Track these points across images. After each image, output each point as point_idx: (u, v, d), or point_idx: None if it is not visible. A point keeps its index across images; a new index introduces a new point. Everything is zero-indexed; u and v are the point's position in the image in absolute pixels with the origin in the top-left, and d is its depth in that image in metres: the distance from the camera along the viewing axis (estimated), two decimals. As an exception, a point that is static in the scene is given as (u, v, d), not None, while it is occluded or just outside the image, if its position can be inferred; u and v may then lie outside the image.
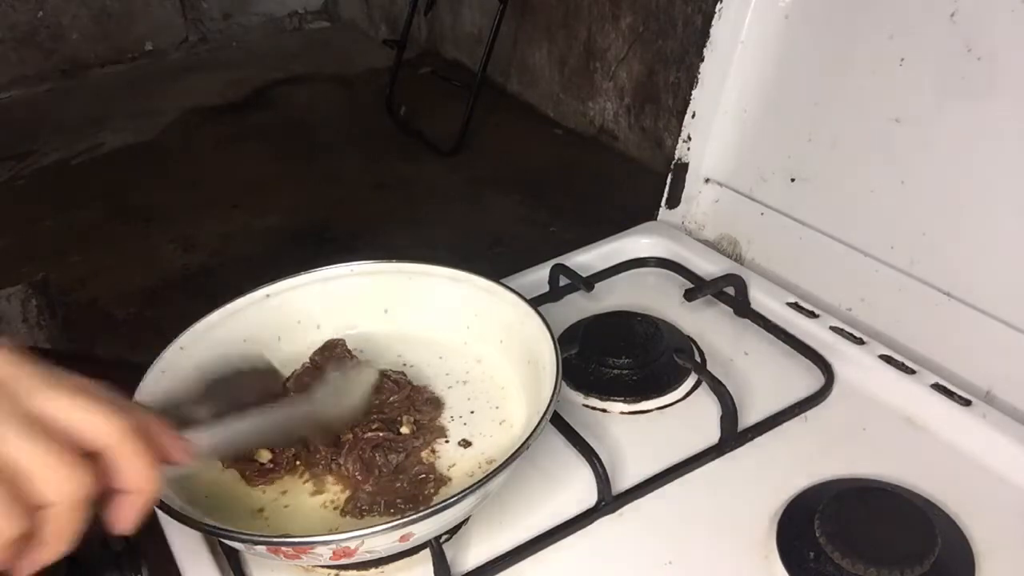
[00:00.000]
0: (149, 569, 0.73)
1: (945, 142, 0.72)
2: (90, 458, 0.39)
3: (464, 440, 0.64)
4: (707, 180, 0.94)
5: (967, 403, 0.68)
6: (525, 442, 0.54)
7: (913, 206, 0.75)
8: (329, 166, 2.03)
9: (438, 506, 0.51)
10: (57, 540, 0.38)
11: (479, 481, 0.52)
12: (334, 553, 0.52)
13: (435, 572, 0.55)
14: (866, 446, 0.67)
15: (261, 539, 0.53)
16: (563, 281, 0.85)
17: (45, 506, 0.37)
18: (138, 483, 0.40)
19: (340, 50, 2.74)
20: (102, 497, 0.40)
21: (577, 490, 0.63)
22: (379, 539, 0.51)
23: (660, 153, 1.75)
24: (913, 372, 0.71)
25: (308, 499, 0.60)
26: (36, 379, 0.38)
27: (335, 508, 0.59)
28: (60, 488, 0.37)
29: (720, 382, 0.68)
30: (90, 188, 2.02)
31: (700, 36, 1.19)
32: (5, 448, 0.36)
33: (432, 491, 0.60)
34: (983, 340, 0.70)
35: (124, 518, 0.41)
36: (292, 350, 0.72)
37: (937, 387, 0.69)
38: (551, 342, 0.63)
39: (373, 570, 0.58)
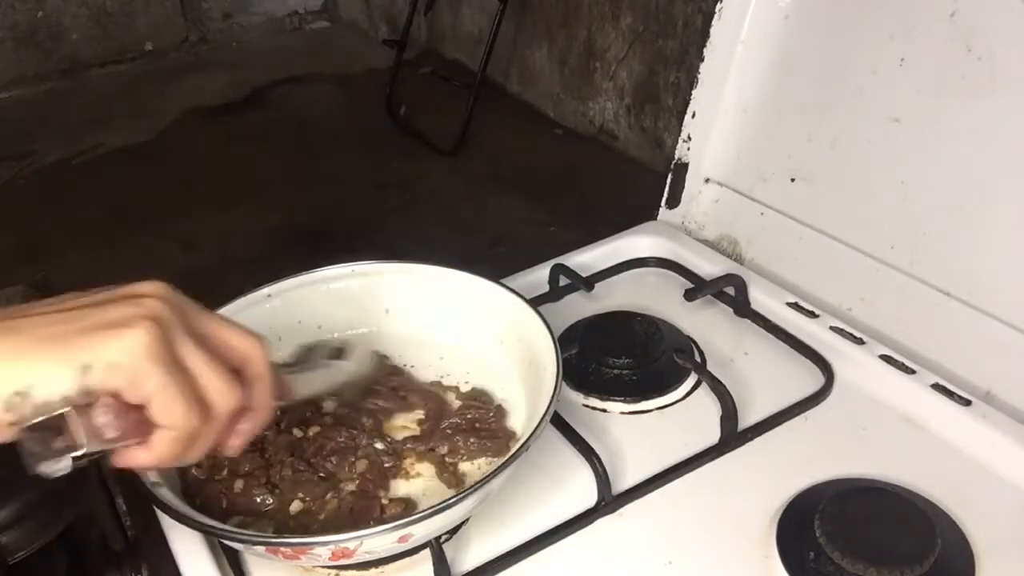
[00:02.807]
0: (149, 569, 0.73)
1: (945, 142, 0.72)
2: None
3: (464, 440, 0.64)
4: (707, 180, 0.94)
5: (967, 403, 0.68)
6: (525, 442, 0.54)
7: (913, 206, 0.75)
8: (329, 166, 2.02)
9: (438, 506, 0.51)
10: (206, 444, 0.45)
11: (479, 481, 0.52)
12: (333, 554, 0.52)
13: (435, 572, 0.55)
14: (866, 446, 0.67)
15: (260, 539, 0.53)
16: (563, 281, 0.85)
17: (211, 410, 0.44)
18: (264, 402, 0.48)
19: (340, 50, 2.74)
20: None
21: (577, 490, 0.63)
22: (378, 540, 0.51)
23: (660, 153, 1.74)
24: (913, 372, 0.71)
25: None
26: (194, 305, 0.46)
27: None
28: (225, 398, 0.45)
29: (720, 382, 0.68)
30: (90, 188, 2.02)
31: (700, 36, 1.18)
32: (189, 359, 0.43)
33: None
34: (983, 340, 0.70)
35: (239, 439, 0.48)
36: (293, 350, 0.72)
37: (937, 387, 0.69)
38: (551, 342, 0.63)
39: (373, 570, 0.58)
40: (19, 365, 0.40)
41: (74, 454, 0.40)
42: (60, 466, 0.40)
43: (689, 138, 0.91)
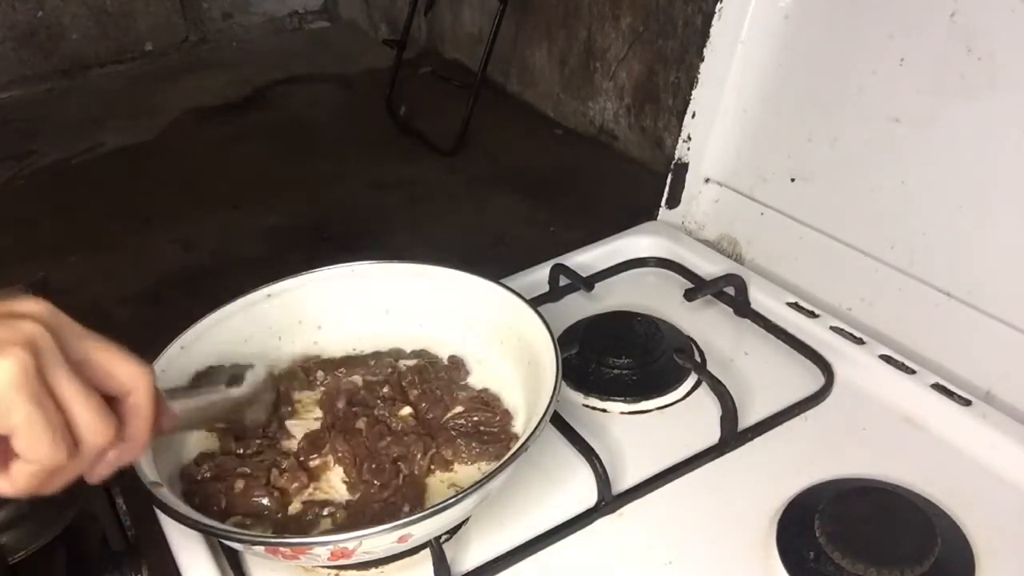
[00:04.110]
0: (149, 569, 0.73)
1: (945, 142, 0.72)
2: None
3: (464, 440, 0.64)
4: (707, 180, 0.94)
5: (967, 403, 0.68)
6: (525, 442, 0.54)
7: (913, 206, 0.75)
8: (329, 166, 2.03)
9: (438, 506, 0.51)
10: (69, 477, 0.42)
11: (479, 481, 0.52)
12: (332, 554, 0.52)
13: (435, 572, 0.55)
14: (866, 446, 0.67)
15: (260, 539, 0.53)
16: (563, 281, 0.85)
17: (80, 445, 0.41)
18: (140, 436, 0.45)
19: (340, 50, 2.74)
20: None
21: (577, 490, 0.63)
22: (377, 540, 0.51)
23: (660, 153, 1.75)
24: (913, 372, 0.71)
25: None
26: (78, 327, 0.43)
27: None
28: (96, 434, 0.42)
29: (720, 382, 0.68)
30: (90, 188, 2.02)
31: (700, 36, 1.19)
32: (62, 390, 0.40)
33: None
34: (983, 340, 0.70)
35: (104, 469, 0.45)
36: (292, 350, 0.72)
37: (937, 387, 0.69)
38: (551, 342, 0.63)
39: (373, 570, 0.58)
40: None
41: None
42: None
43: (689, 138, 0.91)
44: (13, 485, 0.41)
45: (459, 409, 0.66)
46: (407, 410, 0.65)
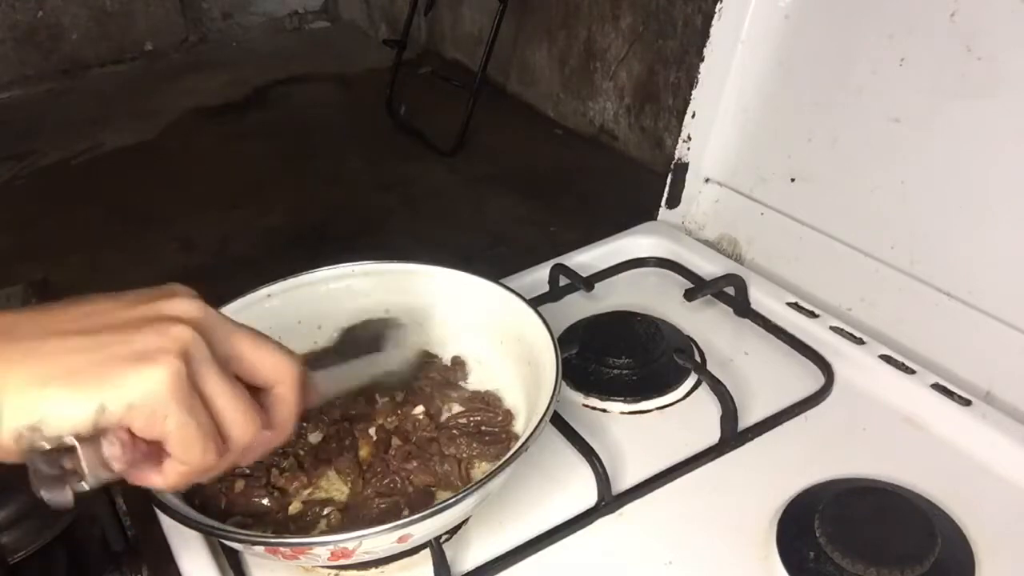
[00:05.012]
0: (149, 569, 0.73)
1: (945, 142, 0.72)
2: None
3: (464, 440, 0.64)
4: (707, 180, 0.94)
5: (967, 403, 0.68)
6: (524, 443, 0.54)
7: (913, 206, 0.75)
8: (329, 166, 2.02)
9: (438, 506, 0.51)
10: (219, 471, 0.45)
11: (479, 481, 0.52)
12: (332, 554, 0.52)
13: (435, 572, 0.55)
14: (866, 446, 0.67)
15: (259, 539, 0.53)
16: (563, 281, 0.85)
17: (228, 444, 0.43)
18: (285, 424, 0.47)
19: (340, 50, 2.74)
20: None
21: (577, 490, 0.63)
22: (377, 540, 0.51)
23: (660, 153, 1.74)
24: (913, 372, 0.71)
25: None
26: (228, 324, 0.45)
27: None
28: (244, 433, 0.44)
29: (720, 382, 0.68)
30: (90, 188, 2.02)
31: (700, 36, 1.19)
32: (212, 393, 0.42)
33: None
34: (983, 340, 0.70)
35: (249, 458, 0.47)
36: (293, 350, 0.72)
37: (937, 387, 0.69)
38: (551, 342, 0.63)
39: (373, 570, 0.58)
40: (36, 396, 0.38)
41: (78, 487, 0.39)
42: (63, 499, 0.39)
43: (689, 138, 0.91)
44: (166, 481, 0.43)
45: (460, 409, 0.66)
46: (420, 408, 0.65)
